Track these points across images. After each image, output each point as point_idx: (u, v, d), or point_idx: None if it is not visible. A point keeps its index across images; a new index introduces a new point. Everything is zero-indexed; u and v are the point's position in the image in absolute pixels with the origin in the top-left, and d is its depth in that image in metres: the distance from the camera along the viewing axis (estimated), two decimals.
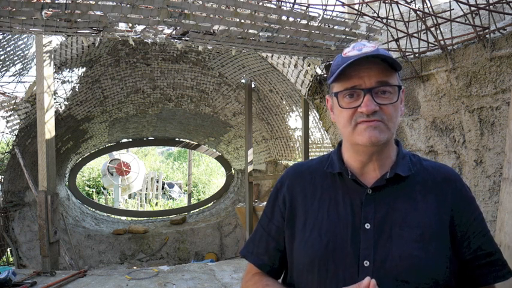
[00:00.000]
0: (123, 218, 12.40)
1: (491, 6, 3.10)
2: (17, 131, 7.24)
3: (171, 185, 20.57)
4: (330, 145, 7.28)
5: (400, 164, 1.14)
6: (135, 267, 7.59)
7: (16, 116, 7.13)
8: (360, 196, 1.12)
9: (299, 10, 3.63)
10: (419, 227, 1.07)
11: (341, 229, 1.10)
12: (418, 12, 3.51)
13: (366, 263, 1.05)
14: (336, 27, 3.84)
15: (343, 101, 1.10)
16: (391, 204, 1.10)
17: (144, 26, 3.47)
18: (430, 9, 3.46)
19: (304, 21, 3.61)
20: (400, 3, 3.68)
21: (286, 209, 1.20)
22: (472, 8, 3.22)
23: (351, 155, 1.16)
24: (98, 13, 3.11)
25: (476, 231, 1.12)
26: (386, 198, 1.11)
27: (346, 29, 3.89)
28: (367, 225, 1.08)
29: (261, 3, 3.40)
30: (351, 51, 1.10)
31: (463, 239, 1.11)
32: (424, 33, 3.72)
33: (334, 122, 1.19)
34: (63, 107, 8.00)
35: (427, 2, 3.36)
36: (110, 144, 11.63)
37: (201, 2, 3.17)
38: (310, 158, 7.66)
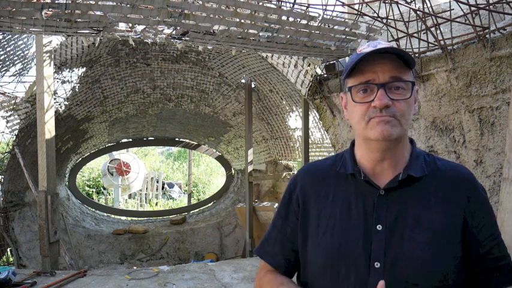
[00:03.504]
0: (123, 218, 12.39)
1: (491, 6, 3.11)
2: (17, 131, 7.24)
3: (171, 185, 20.57)
4: (330, 145, 7.28)
5: (413, 165, 1.13)
6: (135, 267, 7.59)
7: (16, 116, 7.13)
8: (372, 197, 1.11)
9: (299, 10, 3.63)
10: (431, 230, 1.06)
11: (353, 231, 1.10)
12: (418, 12, 3.51)
13: (377, 265, 1.05)
14: (336, 27, 3.84)
15: (357, 96, 1.10)
16: (403, 205, 1.10)
17: (144, 26, 3.47)
18: (430, 9, 3.47)
19: (304, 21, 3.61)
20: (400, 3, 3.68)
21: (299, 210, 1.21)
22: (472, 8, 3.22)
23: (363, 154, 1.16)
24: (98, 13, 3.11)
25: (486, 235, 1.11)
26: (399, 199, 1.10)
27: (346, 29, 3.89)
28: (379, 227, 1.08)
29: (261, 3, 3.40)
30: (366, 48, 1.10)
31: (474, 242, 1.10)
32: (424, 33, 3.72)
33: (348, 119, 1.18)
34: (63, 107, 8.00)
35: (427, 2, 3.36)
36: (110, 144, 11.62)
37: (201, 2, 3.17)
38: (310, 158, 7.66)
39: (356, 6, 4.18)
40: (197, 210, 12.57)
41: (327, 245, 1.12)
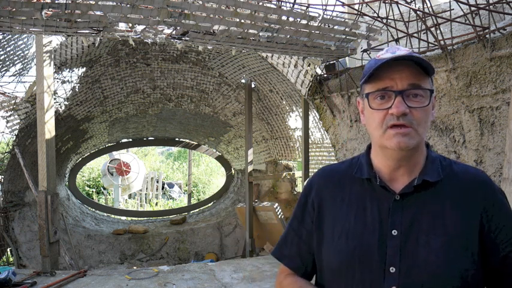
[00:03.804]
0: (123, 218, 12.39)
1: (491, 6, 3.11)
2: (17, 131, 7.24)
3: (171, 185, 20.56)
4: (330, 145, 7.28)
5: (429, 170, 1.13)
6: (135, 267, 7.59)
7: (16, 116, 7.13)
8: (388, 202, 1.12)
9: (299, 10, 3.63)
10: (446, 235, 1.06)
11: (368, 235, 1.10)
12: (418, 12, 3.51)
13: (392, 269, 1.05)
14: (336, 27, 3.84)
15: (374, 102, 1.10)
16: (418, 210, 1.10)
17: (144, 26, 3.47)
18: (430, 9, 3.47)
19: (304, 21, 3.61)
20: (400, 3, 3.69)
21: (314, 213, 1.22)
22: (472, 8, 3.22)
23: (379, 160, 1.16)
24: (98, 13, 3.12)
25: (505, 239, 1.09)
26: (414, 204, 1.10)
27: (346, 29, 3.89)
28: (394, 232, 1.08)
29: (261, 3, 3.40)
30: (385, 53, 1.10)
31: (492, 246, 1.09)
32: (424, 33, 3.72)
33: (364, 124, 1.18)
34: (63, 107, 8.00)
35: (427, 2, 3.36)
36: (110, 144, 11.62)
37: (201, 2, 3.17)
38: (310, 158, 7.66)
39: (356, 6, 4.18)
40: (197, 210, 12.57)
41: (342, 248, 1.12)
